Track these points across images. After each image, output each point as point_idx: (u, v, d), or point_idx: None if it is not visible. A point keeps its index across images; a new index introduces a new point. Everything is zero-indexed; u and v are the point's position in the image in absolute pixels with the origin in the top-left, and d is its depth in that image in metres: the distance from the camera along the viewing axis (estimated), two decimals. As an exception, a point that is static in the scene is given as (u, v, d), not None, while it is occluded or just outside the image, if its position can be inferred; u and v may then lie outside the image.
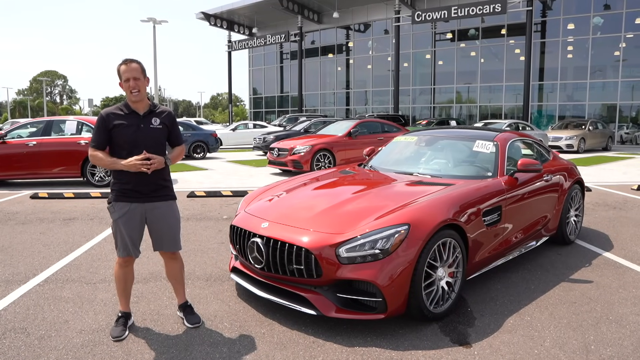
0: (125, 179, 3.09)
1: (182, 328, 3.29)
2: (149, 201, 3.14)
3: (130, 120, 3.08)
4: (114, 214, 3.13)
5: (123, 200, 3.11)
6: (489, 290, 4.00)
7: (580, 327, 3.31)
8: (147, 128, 3.10)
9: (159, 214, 3.17)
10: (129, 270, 3.26)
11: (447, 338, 3.15)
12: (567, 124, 21.48)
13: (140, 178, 3.08)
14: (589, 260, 4.83)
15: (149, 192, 3.12)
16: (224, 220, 6.67)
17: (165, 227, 3.21)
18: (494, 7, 23.85)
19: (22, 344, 3.05)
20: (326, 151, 11.71)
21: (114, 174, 3.15)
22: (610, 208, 7.52)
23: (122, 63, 3.07)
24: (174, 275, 3.39)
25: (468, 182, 4.10)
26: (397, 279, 3.10)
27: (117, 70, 3.08)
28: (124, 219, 3.10)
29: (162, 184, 3.19)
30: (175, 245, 3.29)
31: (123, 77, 3.05)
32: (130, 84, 3.04)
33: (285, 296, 3.33)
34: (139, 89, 3.06)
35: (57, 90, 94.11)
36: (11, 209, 7.50)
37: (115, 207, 3.12)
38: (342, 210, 3.56)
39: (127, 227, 3.11)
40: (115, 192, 3.13)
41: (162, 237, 3.23)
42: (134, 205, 3.11)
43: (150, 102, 3.17)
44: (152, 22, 31.03)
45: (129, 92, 3.06)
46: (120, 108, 3.13)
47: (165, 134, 3.20)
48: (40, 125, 10.38)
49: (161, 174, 3.17)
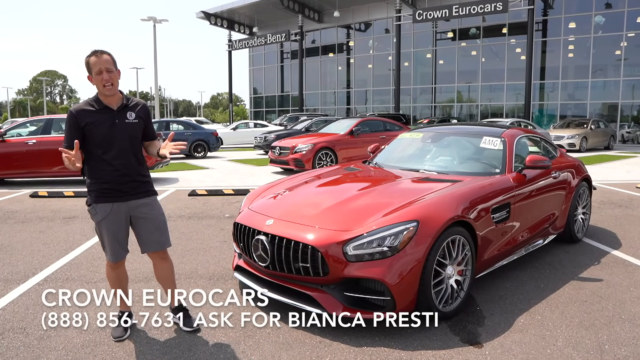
0: (103, 178, 2.93)
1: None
2: (132, 199, 2.98)
3: (104, 117, 2.89)
4: (96, 216, 2.95)
5: (104, 201, 2.93)
6: (498, 288, 3.92)
7: (593, 326, 3.23)
8: (122, 123, 2.92)
9: (144, 211, 3.02)
10: (122, 270, 3.14)
11: (457, 337, 3.08)
12: (569, 123, 21.40)
13: (120, 176, 2.92)
14: (598, 258, 4.75)
15: (129, 189, 2.97)
16: (226, 218, 6.60)
17: (151, 224, 3.05)
18: (495, 6, 23.77)
19: (21, 344, 2.98)
20: (328, 150, 11.63)
21: (90, 173, 2.96)
22: (616, 206, 7.45)
23: (92, 55, 2.85)
24: (165, 276, 3.21)
25: (476, 179, 4.02)
26: (406, 277, 3.03)
27: (86, 62, 2.85)
28: (108, 220, 2.94)
29: (142, 180, 3.03)
30: (164, 242, 3.12)
31: (94, 70, 2.83)
32: (103, 77, 2.82)
33: (291, 295, 3.25)
34: (112, 82, 2.85)
35: (57, 90, 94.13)
36: (11, 208, 7.43)
37: (97, 209, 2.94)
38: (349, 207, 3.48)
39: (112, 228, 2.96)
40: (95, 193, 2.94)
41: (150, 236, 3.06)
42: (117, 204, 2.95)
43: (122, 96, 2.98)
44: (152, 21, 30.96)
45: (102, 86, 2.84)
46: (91, 104, 2.91)
47: (141, 128, 3.02)
48: (40, 124, 10.31)
49: (140, 170, 3.02)
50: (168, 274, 3.21)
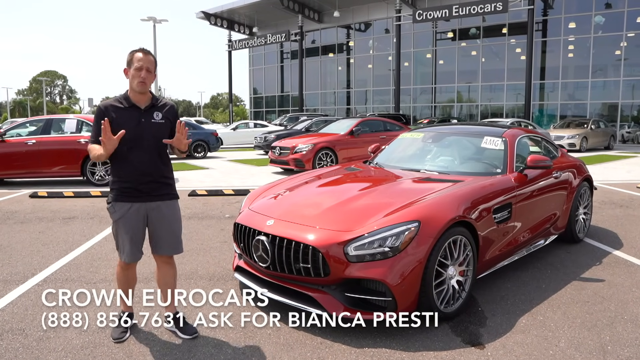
0: (125, 177, 2.92)
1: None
2: (151, 200, 2.96)
3: (131, 115, 2.90)
4: (114, 214, 2.95)
5: (123, 200, 2.93)
6: (499, 289, 3.91)
7: (595, 327, 3.21)
8: (148, 123, 2.92)
9: (161, 215, 3.00)
10: (132, 272, 3.13)
11: (459, 338, 3.06)
12: (569, 123, 21.39)
13: (141, 175, 2.92)
14: (599, 258, 4.73)
15: (149, 190, 2.95)
16: (226, 218, 6.58)
17: (166, 228, 3.02)
18: (495, 6, 23.75)
19: (20, 346, 2.96)
20: (328, 150, 11.61)
21: (113, 172, 2.97)
22: (617, 206, 7.43)
23: (139, 51, 2.88)
24: (166, 281, 3.16)
25: (477, 179, 4.00)
26: (408, 278, 3.01)
27: (131, 56, 2.88)
28: (125, 220, 2.94)
29: (164, 182, 3.01)
30: (176, 248, 3.10)
31: (135, 65, 2.85)
32: (141, 74, 2.85)
33: (292, 296, 3.23)
34: (146, 82, 2.88)
35: (57, 90, 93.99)
36: (10, 208, 7.41)
37: (116, 207, 2.94)
38: (350, 207, 3.46)
39: (129, 228, 2.94)
40: (115, 192, 2.94)
41: (162, 240, 3.03)
42: (136, 205, 2.93)
43: (151, 96, 2.99)
44: (152, 21, 30.90)
45: (135, 82, 2.86)
46: (120, 101, 2.93)
47: (168, 129, 2.99)
48: (39, 124, 10.29)
49: (164, 171, 3.01)
50: (170, 280, 3.17)
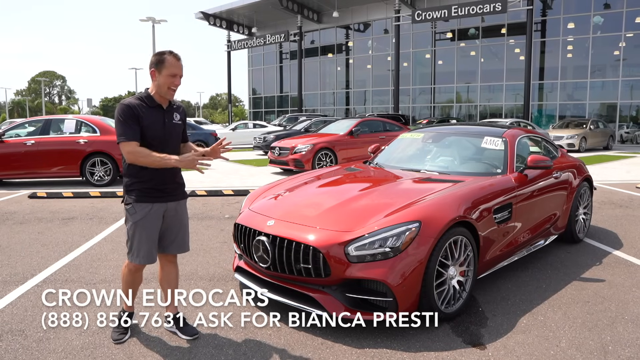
0: (147, 177, 2.85)
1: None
2: (171, 200, 2.97)
3: (157, 115, 2.87)
4: (134, 215, 2.87)
5: (145, 201, 2.86)
6: (500, 289, 3.90)
7: (596, 327, 3.21)
8: (170, 123, 2.94)
9: (176, 214, 3.02)
10: (140, 274, 3.12)
11: (460, 339, 3.05)
12: (568, 123, 21.40)
13: (163, 176, 2.90)
14: (600, 258, 4.73)
15: (171, 190, 2.96)
16: (226, 219, 6.57)
17: (179, 225, 3.05)
18: (494, 7, 23.75)
19: (20, 347, 2.95)
20: (328, 150, 11.60)
21: (131, 172, 2.86)
22: (616, 206, 7.44)
23: (171, 54, 2.83)
24: (170, 280, 3.16)
25: (477, 179, 4.00)
26: (408, 278, 3.00)
27: (161, 59, 2.81)
28: (146, 220, 2.87)
29: (182, 182, 3.08)
30: (185, 246, 3.13)
31: (168, 71, 2.80)
32: (175, 81, 2.84)
33: (292, 296, 3.23)
34: (176, 89, 2.90)
35: (56, 91, 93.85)
36: (9, 209, 7.39)
37: (137, 208, 2.86)
38: (350, 208, 3.46)
39: (149, 229, 2.90)
40: (136, 192, 2.86)
41: (174, 238, 3.05)
42: (157, 205, 2.90)
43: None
44: (151, 21, 30.89)
45: (167, 88, 2.84)
46: (142, 99, 2.86)
47: (182, 130, 3.06)
48: (38, 124, 10.28)
49: (179, 171, 3.05)
50: (173, 279, 3.19)
